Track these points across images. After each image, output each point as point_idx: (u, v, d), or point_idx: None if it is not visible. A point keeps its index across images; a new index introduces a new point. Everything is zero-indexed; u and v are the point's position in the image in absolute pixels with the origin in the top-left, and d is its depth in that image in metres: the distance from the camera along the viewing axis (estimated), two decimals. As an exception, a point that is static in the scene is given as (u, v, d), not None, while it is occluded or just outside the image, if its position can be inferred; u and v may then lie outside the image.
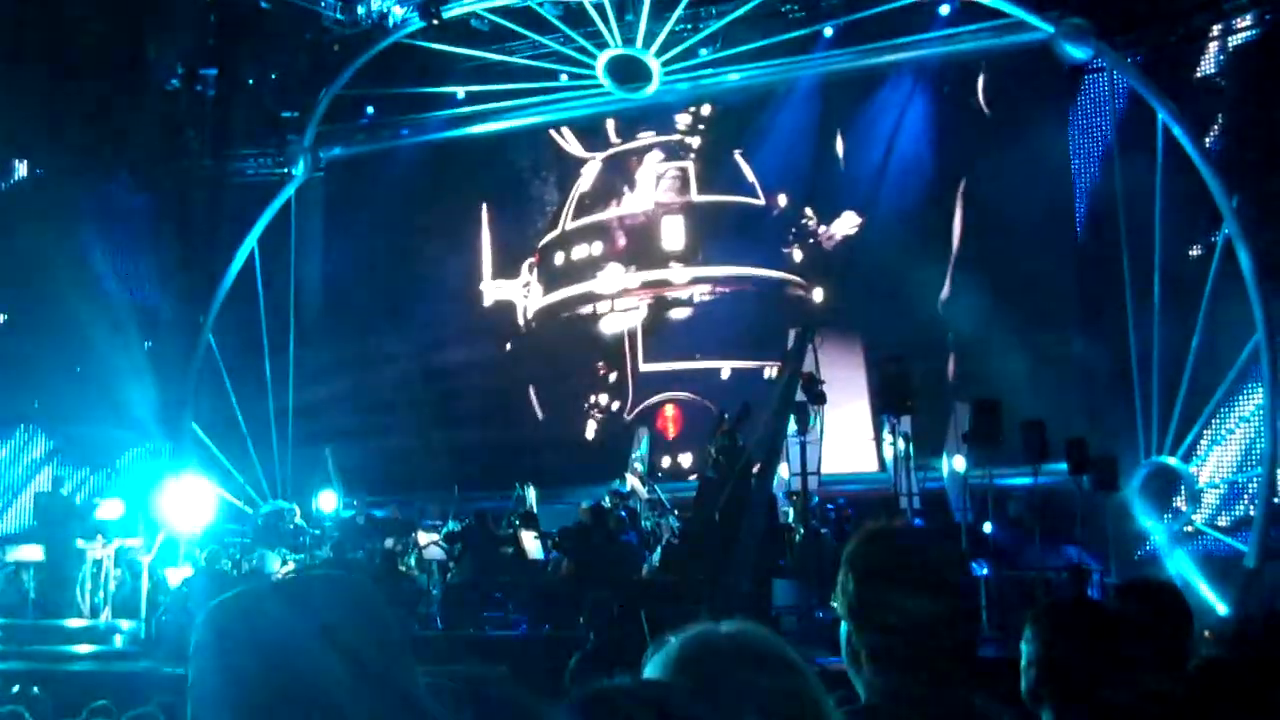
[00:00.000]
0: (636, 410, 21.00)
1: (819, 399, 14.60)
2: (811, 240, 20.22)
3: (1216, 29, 16.59)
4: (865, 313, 19.15)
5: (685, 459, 20.24)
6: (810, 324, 15.11)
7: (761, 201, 20.63)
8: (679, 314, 21.17)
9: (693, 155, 21.55)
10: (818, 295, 20.04)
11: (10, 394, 19.00)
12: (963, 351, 17.89)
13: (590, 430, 21.54)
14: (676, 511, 16.28)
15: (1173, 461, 15.91)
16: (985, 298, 17.18)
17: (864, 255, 19.52)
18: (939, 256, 18.68)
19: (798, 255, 20.38)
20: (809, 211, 20.29)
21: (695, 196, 21.40)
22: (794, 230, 20.43)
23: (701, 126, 21.57)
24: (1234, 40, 16.47)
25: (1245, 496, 15.69)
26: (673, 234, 21.42)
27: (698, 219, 21.32)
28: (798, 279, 20.30)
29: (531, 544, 15.56)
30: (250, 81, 21.10)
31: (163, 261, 21.32)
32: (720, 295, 20.81)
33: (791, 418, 14.02)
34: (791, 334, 15.25)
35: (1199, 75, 16.68)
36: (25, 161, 21.04)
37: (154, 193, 21.24)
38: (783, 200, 20.51)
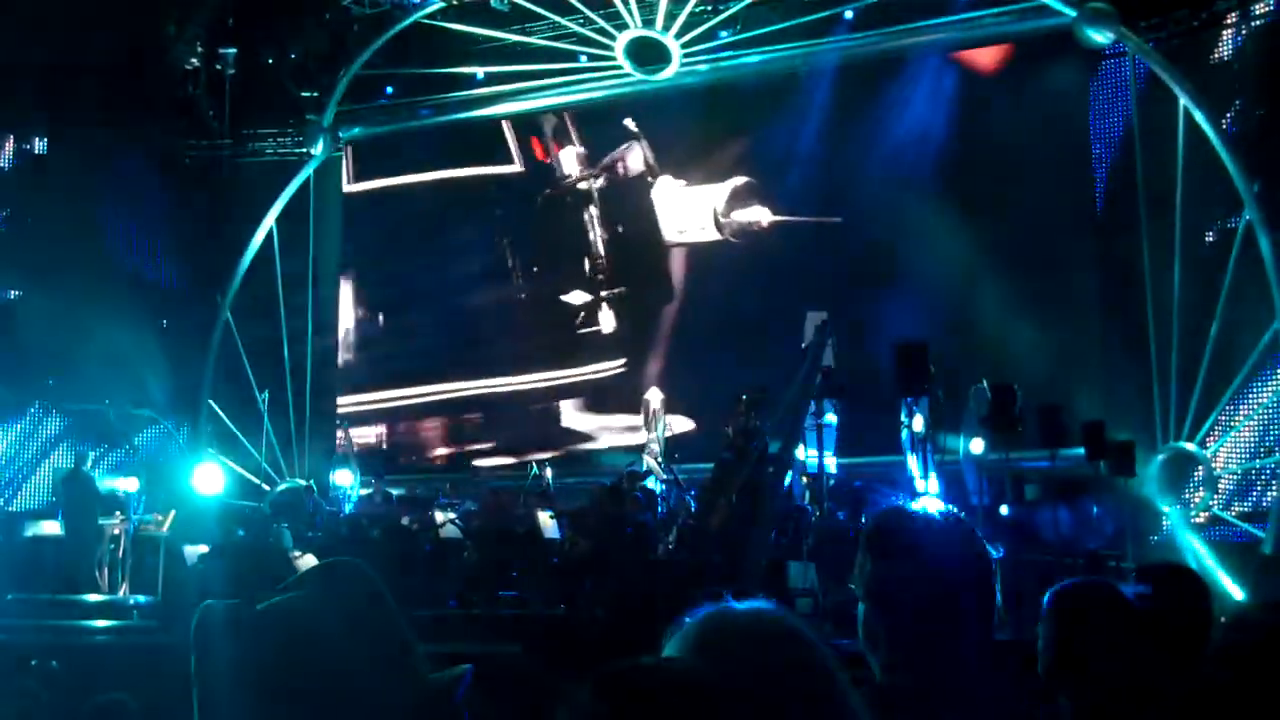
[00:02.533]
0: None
1: (839, 392, 14.68)
2: None
3: (1234, 16, 16.49)
4: None
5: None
6: (830, 318, 15.05)
7: None
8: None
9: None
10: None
11: (26, 370, 19.07)
12: (980, 332, 17.68)
13: None
14: (693, 492, 16.27)
15: (1191, 447, 15.88)
16: (1003, 279, 17.05)
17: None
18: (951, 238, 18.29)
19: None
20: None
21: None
22: None
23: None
24: (1255, 24, 16.37)
25: (1260, 483, 15.68)
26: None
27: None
28: None
29: (547, 523, 15.58)
30: (269, 61, 21.09)
31: (180, 240, 21.37)
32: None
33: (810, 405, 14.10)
34: (810, 326, 15.18)
35: (1220, 59, 16.59)
36: (44, 139, 21.10)
37: (172, 171, 21.27)
38: None
